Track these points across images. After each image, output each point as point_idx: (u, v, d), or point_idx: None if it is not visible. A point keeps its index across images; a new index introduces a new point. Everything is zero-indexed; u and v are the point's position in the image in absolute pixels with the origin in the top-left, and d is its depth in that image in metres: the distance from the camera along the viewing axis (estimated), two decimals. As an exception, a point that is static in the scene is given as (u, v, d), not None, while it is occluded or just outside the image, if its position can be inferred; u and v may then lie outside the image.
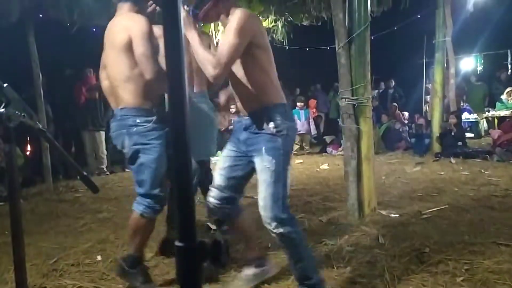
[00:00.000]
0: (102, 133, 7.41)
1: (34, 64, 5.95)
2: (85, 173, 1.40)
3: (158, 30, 2.41)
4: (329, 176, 6.22)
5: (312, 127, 9.90)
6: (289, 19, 8.29)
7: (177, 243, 0.61)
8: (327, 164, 7.39)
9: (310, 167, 7.32)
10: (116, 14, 2.44)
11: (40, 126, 1.20)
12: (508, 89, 10.65)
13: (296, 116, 9.59)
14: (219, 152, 10.20)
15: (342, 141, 4.07)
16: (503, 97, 10.69)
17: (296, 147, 9.55)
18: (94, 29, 6.62)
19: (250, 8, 7.25)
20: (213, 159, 9.56)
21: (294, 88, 12.08)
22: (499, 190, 4.72)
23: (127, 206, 4.76)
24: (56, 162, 6.44)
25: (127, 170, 7.53)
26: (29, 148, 6.69)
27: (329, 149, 9.21)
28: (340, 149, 8.40)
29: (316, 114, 11.34)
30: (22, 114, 1.07)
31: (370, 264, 2.73)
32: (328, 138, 10.09)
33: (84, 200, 5.22)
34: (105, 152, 7.43)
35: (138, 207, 2.43)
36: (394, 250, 2.94)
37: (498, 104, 10.82)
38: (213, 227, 3.64)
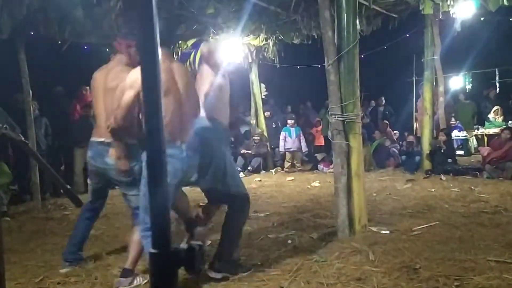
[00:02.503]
0: (95, 149, 7.34)
1: (24, 81, 5.93)
2: (68, 187, 1.38)
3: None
4: (320, 193, 6.21)
5: (303, 144, 9.91)
6: (280, 38, 8.38)
7: (151, 250, 0.60)
8: (318, 181, 7.39)
9: (301, 184, 7.31)
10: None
11: (22, 138, 1.18)
12: (495, 108, 10.79)
13: (287, 134, 9.63)
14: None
15: (333, 158, 4.07)
16: (491, 116, 10.82)
17: (287, 164, 9.56)
18: (85, 47, 6.64)
19: (242, 27, 7.34)
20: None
21: (286, 106, 12.15)
22: (489, 207, 4.74)
23: (116, 224, 4.72)
24: (46, 180, 6.36)
25: (117, 187, 7.46)
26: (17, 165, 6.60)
27: (320, 166, 9.21)
28: (331, 166, 8.40)
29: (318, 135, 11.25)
30: (4, 126, 1.06)
31: (361, 280, 2.71)
32: (319, 156, 10.11)
33: (72, 217, 5.13)
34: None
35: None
36: (384, 266, 2.92)
37: (486, 123, 10.95)
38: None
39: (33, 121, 6.09)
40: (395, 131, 11.22)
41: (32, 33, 6.07)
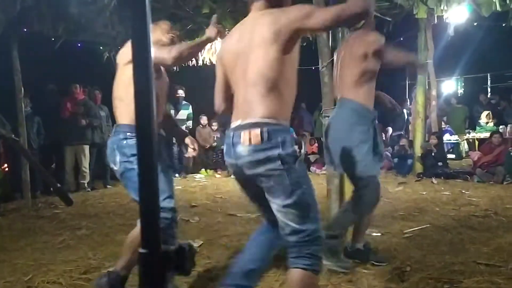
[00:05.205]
0: (86, 147, 7.29)
1: (17, 78, 5.88)
2: (59, 185, 1.37)
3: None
4: (312, 195, 6.21)
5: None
6: (274, 39, 8.36)
7: (140, 250, 0.60)
8: (311, 183, 7.39)
9: (294, 185, 7.30)
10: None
11: (13, 136, 1.17)
12: (486, 112, 10.88)
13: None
14: (202, 170, 10.12)
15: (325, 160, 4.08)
16: (482, 121, 10.91)
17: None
18: (79, 44, 6.60)
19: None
20: (197, 177, 9.48)
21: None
22: (479, 211, 4.77)
23: (107, 223, 4.69)
24: (37, 178, 6.31)
25: (108, 186, 7.41)
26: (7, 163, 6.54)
27: (313, 168, 9.23)
28: (323, 168, 8.42)
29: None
30: (-5, 123, 1.04)
31: (351, 282, 2.72)
32: (312, 157, 10.13)
33: (63, 216, 5.11)
34: (87, 166, 7.29)
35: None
36: (375, 269, 2.93)
37: (477, 127, 11.05)
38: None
39: (25, 119, 6.04)
40: (387, 127, 11.29)
41: (25, 29, 6.03)
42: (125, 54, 2.47)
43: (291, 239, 1.80)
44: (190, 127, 9.06)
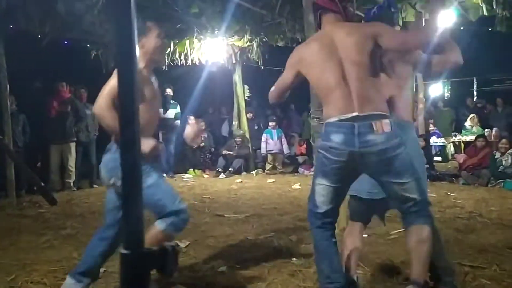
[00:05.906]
0: (72, 145, 7.20)
1: (2, 76, 5.79)
2: (42, 184, 1.35)
3: None
4: (300, 196, 6.22)
5: (285, 146, 9.93)
6: (264, 39, 8.39)
7: (122, 251, 0.59)
8: (299, 184, 7.41)
9: (282, 186, 7.33)
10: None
11: (-5, 133, 1.15)
12: (471, 115, 11.02)
13: (268, 136, 9.65)
14: (191, 169, 10.06)
15: (314, 161, 4.09)
16: (467, 123, 11.05)
17: (268, 166, 9.58)
18: (65, 42, 6.52)
19: (226, 28, 7.34)
20: (185, 177, 9.44)
21: (275, 109, 12.22)
22: (464, 213, 4.83)
23: (92, 223, 4.63)
24: (21, 177, 6.22)
25: (95, 186, 7.33)
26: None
27: (301, 169, 9.25)
28: (312, 169, 8.45)
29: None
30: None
31: (338, 283, 2.72)
32: (300, 158, 10.15)
33: (47, 216, 5.04)
34: (73, 165, 7.21)
35: (161, 223, 2.31)
36: (362, 270, 2.95)
37: (463, 130, 11.19)
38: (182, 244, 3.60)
39: (10, 117, 5.94)
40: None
41: (11, 27, 5.94)
42: None
43: (413, 209, 2.19)
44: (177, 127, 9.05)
